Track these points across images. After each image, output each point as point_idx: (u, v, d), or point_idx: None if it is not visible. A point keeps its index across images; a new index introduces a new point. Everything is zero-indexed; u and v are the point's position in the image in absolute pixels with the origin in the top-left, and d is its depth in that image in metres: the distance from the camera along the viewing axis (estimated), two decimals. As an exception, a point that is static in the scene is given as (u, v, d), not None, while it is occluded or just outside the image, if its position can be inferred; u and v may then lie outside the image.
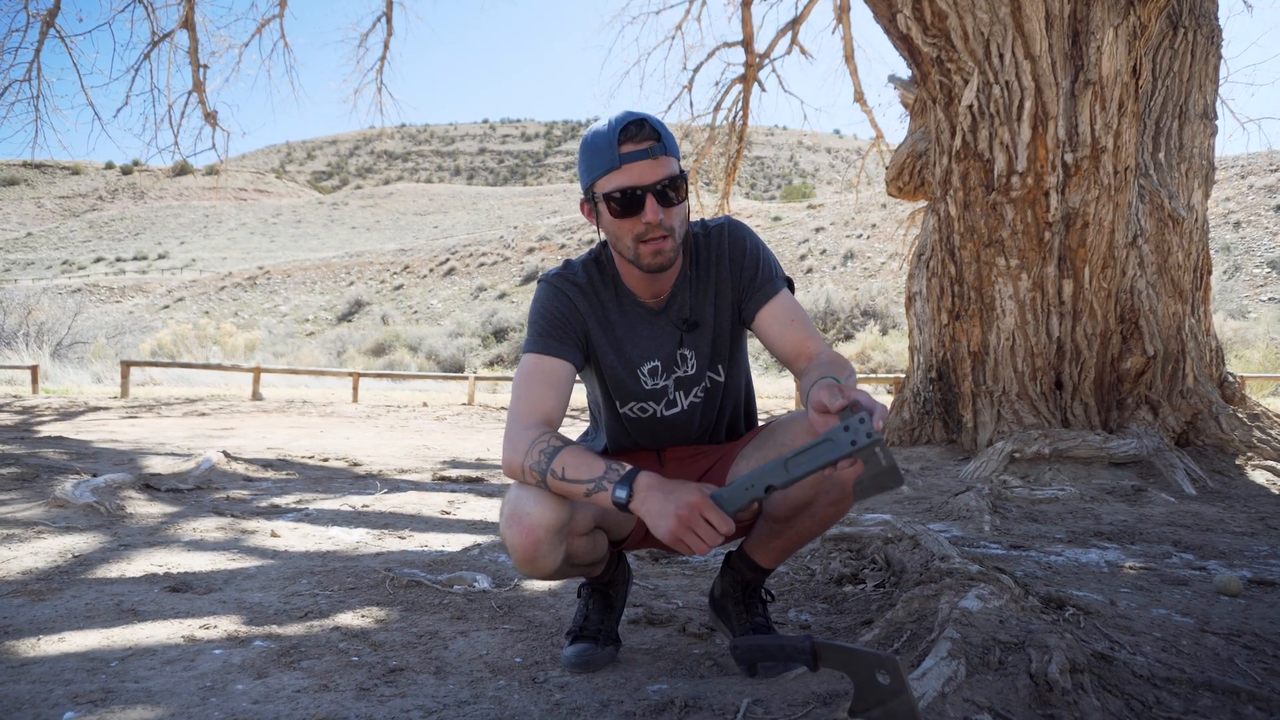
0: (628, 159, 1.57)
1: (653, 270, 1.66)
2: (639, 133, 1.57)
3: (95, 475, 4.06)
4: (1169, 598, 2.29)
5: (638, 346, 1.78)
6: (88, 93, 10.85)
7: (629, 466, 1.49)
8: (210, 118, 11.88)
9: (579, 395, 14.00)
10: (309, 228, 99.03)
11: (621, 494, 1.45)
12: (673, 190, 1.61)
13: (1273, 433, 5.33)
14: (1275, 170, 36.37)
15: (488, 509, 4.03)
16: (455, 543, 3.19)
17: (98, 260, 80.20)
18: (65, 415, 9.43)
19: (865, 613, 2.17)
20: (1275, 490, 4.45)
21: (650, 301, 1.77)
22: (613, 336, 1.77)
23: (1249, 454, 4.99)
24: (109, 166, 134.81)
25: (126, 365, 13.74)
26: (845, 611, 2.23)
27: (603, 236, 1.74)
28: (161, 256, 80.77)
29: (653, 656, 1.90)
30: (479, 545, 3.10)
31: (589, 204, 1.68)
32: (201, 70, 11.58)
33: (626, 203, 1.60)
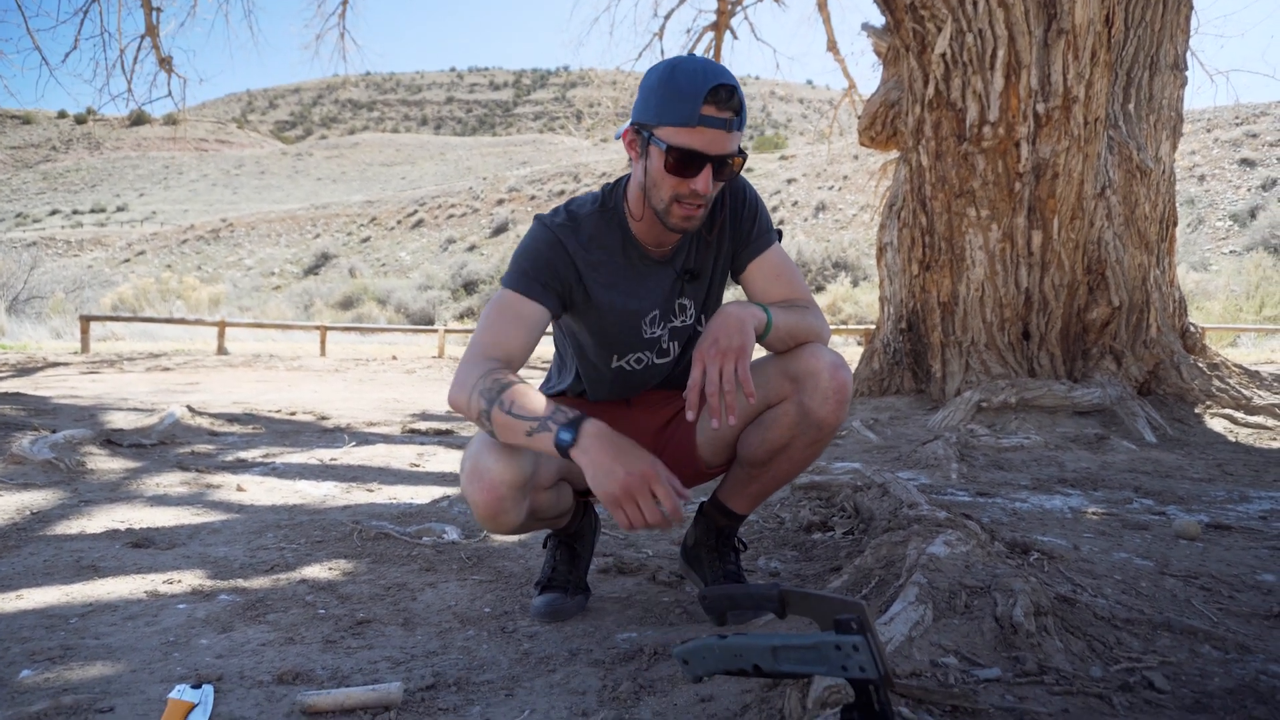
0: (707, 122, 1.48)
1: (676, 231, 1.61)
2: (727, 100, 1.48)
3: (54, 431, 3.97)
4: (1130, 542, 2.34)
5: (643, 297, 1.73)
6: (34, 36, 10.41)
7: (576, 411, 1.46)
8: (165, 63, 11.47)
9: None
10: (272, 179, 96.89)
11: (566, 437, 1.41)
12: (730, 164, 1.55)
13: (1231, 382, 5.43)
14: (1240, 124, 36.69)
15: (457, 461, 4.01)
16: (424, 495, 3.18)
17: (53, 213, 78.03)
18: (23, 371, 9.22)
19: (834, 560, 2.19)
20: (1232, 438, 4.55)
21: (655, 252, 1.72)
22: (618, 288, 1.71)
23: (1208, 402, 5.09)
24: (62, 115, 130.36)
25: (86, 320, 13.43)
26: (814, 559, 2.25)
27: (630, 170, 1.66)
28: (120, 209, 78.73)
29: (622, 605, 1.91)
30: (448, 497, 3.08)
31: (640, 139, 1.57)
32: (155, 14, 11.14)
33: (685, 163, 1.51)
